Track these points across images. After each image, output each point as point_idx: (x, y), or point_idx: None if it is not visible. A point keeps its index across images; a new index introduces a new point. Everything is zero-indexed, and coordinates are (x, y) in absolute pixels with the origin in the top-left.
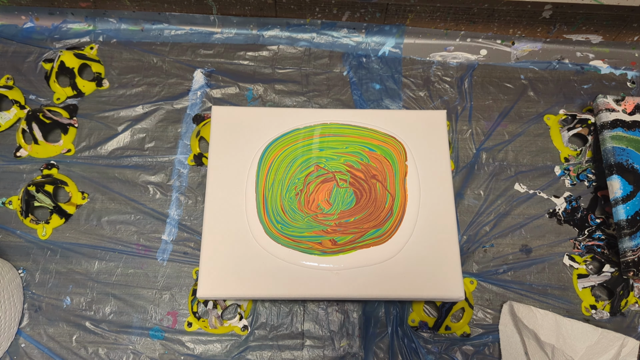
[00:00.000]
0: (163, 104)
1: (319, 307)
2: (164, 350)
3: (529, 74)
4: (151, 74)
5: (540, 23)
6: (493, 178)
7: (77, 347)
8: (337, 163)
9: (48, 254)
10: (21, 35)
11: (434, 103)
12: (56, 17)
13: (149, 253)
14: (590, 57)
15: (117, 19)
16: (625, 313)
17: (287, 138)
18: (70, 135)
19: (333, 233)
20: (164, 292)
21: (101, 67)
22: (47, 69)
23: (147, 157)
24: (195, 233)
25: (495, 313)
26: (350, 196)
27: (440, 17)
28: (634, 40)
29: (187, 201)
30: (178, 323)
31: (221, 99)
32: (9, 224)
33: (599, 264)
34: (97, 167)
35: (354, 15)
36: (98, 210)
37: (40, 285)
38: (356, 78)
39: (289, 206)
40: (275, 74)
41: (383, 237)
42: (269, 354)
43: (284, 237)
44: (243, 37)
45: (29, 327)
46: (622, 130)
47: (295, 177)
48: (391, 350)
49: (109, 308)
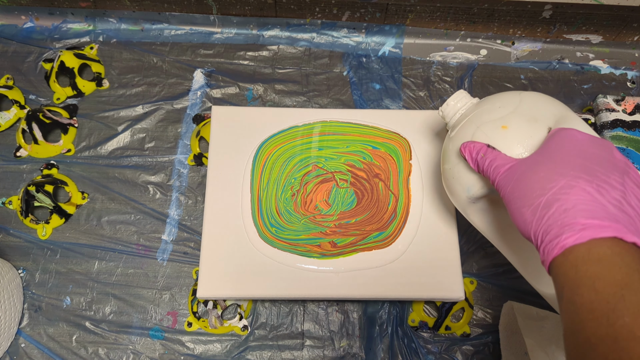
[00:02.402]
0: (163, 104)
1: (319, 307)
2: (164, 350)
3: (529, 74)
4: (151, 74)
5: (540, 23)
6: None
7: (77, 347)
8: (337, 163)
9: (48, 253)
10: (21, 35)
11: (434, 103)
12: (56, 17)
13: (149, 253)
14: (590, 57)
15: (117, 19)
16: None
17: (284, 135)
18: (70, 135)
19: (332, 235)
20: (164, 292)
21: (101, 67)
22: (47, 69)
23: (147, 157)
24: (195, 233)
25: (495, 313)
26: (351, 196)
27: (440, 17)
28: (634, 40)
29: (187, 201)
30: (178, 323)
31: (221, 99)
32: (9, 224)
33: None
34: (97, 167)
35: (354, 15)
36: (98, 210)
37: (40, 285)
38: (356, 78)
39: (284, 208)
40: (275, 74)
41: (387, 240)
42: (269, 354)
43: (279, 241)
44: (243, 37)
45: (29, 327)
46: (622, 130)
47: (292, 176)
48: (391, 350)
49: (109, 308)
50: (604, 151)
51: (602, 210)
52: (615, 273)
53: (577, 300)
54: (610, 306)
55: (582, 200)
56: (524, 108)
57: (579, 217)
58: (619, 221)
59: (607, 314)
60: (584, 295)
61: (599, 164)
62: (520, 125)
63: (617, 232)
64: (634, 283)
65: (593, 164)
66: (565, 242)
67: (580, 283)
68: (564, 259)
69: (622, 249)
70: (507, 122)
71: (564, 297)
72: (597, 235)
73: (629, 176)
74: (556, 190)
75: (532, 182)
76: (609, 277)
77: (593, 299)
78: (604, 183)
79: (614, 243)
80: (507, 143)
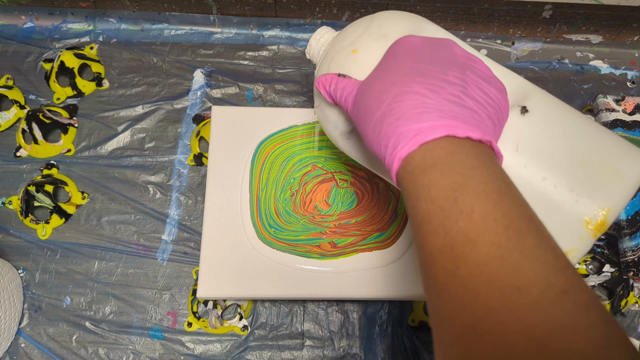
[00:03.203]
0: (163, 104)
1: (319, 307)
2: (164, 350)
3: (529, 74)
4: (151, 74)
5: (540, 23)
6: None
7: (77, 347)
8: (336, 163)
9: (48, 253)
10: (21, 35)
11: None
12: (56, 17)
13: (149, 253)
14: (590, 57)
15: (117, 19)
16: (625, 313)
17: (283, 135)
18: (70, 135)
19: (332, 235)
20: (164, 292)
21: (101, 67)
22: (47, 69)
23: (147, 157)
24: (195, 233)
25: None
26: (351, 196)
27: (440, 17)
28: (634, 40)
29: (187, 201)
30: (178, 323)
31: (221, 99)
32: (9, 224)
33: (599, 263)
34: (97, 167)
35: (354, 15)
36: (98, 210)
37: (40, 285)
38: None
39: (283, 208)
40: (275, 74)
41: (388, 241)
42: (269, 354)
43: (277, 242)
44: (243, 37)
45: (29, 327)
46: (622, 130)
47: (291, 176)
48: (391, 350)
49: (109, 308)
50: (441, 50)
51: (436, 110)
52: (449, 176)
53: (417, 213)
54: (445, 213)
55: (414, 104)
56: (374, 27)
57: (411, 122)
58: (455, 117)
59: (442, 222)
60: (422, 207)
61: (435, 63)
62: (369, 46)
63: (450, 129)
64: (467, 182)
65: (428, 64)
66: (400, 153)
67: (419, 194)
68: (404, 172)
69: (457, 147)
70: (357, 45)
71: (409, 212)
72: (427, 139)
73: (471, 70)
74: (389, 101)
75: (369, 99)
76: (442, 181)
77: (430, 209)
78: (440, 81)
79: (448, 142)
80: (359, 67)
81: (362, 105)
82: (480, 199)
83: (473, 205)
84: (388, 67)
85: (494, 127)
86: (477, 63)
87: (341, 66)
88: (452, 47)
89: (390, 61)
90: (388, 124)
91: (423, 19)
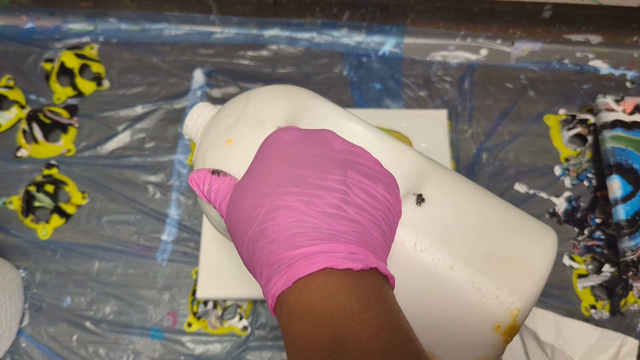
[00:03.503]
0: (163, 103)
1: None
2: (164, 351)
3: (529, 74)
4: (151, 74)
5: (540, 23)
6: (493, 178)
7: (78, 347)
8: None
9: (48, 254)
10: (22, 35)
11: (434, 103)
12: (56, 18)
13: (148, 253)
14: (590, 58)
15: (117, 19)
16: (625, 313)
17: None
18: (70, 135)
19: None
20: (164, 292)
21: (101, 67)
22: (48, 69)
23: (147, 157)
24: (195, 233)
25: None
26: None
27: (441, 17)
28: (634, 40)
29: (187, 201)
30: (178, 323)
31: (221, 99)
32: (10, 224)
33: (599, 263)
34: (97, 167)
35: (354, 15)
36: (98, 210)
37: (41, 285)
38: (356, 78)
39: None
40: (275, 74)
41: None
42: (269, 354)
43: None
44: (243, 36)
45: (30, 327)
46: (622, 131)
47: None
48: None
49: (109, 308)
50: (319, 146)
51: (313, 230)
52: (326, 330)
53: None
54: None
55: (287, 223)
56: (249, 112)
57: (285, 248)
58: (335, 237)
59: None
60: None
61: (311, 166)
62: (244, 135)
63: (327, 260)
64: (347, 336)
65: (303, 168)
66: (274, 290)
67: (296, 347)
68: (280, 311)
69: (335, 284)
70: (231, 134)
71: (287, 356)
72: (302, 274)
73: (354, 167)
74: (261, 218)
75: (240, 213)
76: (319, 337)
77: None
78: (317, 189)
79: (326, 278)
80: (235, 159)
81: (233, 220)
82: (361, 358)
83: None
84: (259, 175)
85: (383, 235)
86: (360, 157)
87: (217, 158)
88: (331, 141)
89: (262, 166)
90: (261, 247)
91: (307, 93)
